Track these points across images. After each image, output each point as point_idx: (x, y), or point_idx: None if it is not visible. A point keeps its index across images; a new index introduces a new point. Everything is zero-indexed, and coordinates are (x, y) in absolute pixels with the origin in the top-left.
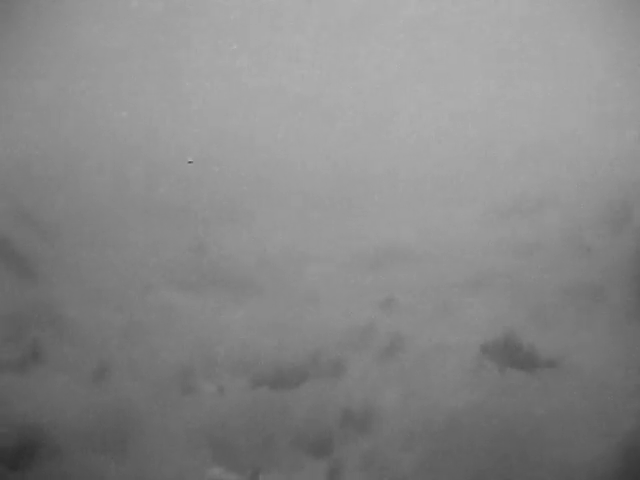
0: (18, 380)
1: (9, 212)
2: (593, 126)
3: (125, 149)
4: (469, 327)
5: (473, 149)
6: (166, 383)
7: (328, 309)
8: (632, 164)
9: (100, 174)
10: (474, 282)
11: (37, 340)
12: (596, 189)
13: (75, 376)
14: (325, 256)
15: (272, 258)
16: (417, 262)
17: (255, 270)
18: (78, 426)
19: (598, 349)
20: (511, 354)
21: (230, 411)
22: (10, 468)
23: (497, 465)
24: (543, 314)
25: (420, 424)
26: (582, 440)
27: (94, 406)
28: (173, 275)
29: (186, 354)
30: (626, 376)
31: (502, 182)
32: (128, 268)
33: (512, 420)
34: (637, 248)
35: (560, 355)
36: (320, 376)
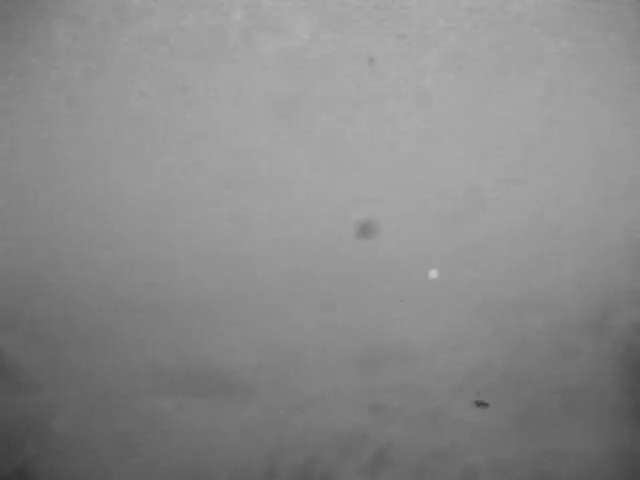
0: None
1: None
2: None
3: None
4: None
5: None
6: None
7: (321, 414)
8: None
9: (80, 270)
10: (467, 382)
11: (27, 454)
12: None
13: None
14: (320, 357)
15: (264, 360)
16: (408, 362)
17: (244, 372)
18: None
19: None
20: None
21: None
22: None
23: None
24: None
25: None
26: None
27: None
28: (161, 380)
29: (181, 463)
30: None
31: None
32: (116, 373)
33: None
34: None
35: None
36: None
